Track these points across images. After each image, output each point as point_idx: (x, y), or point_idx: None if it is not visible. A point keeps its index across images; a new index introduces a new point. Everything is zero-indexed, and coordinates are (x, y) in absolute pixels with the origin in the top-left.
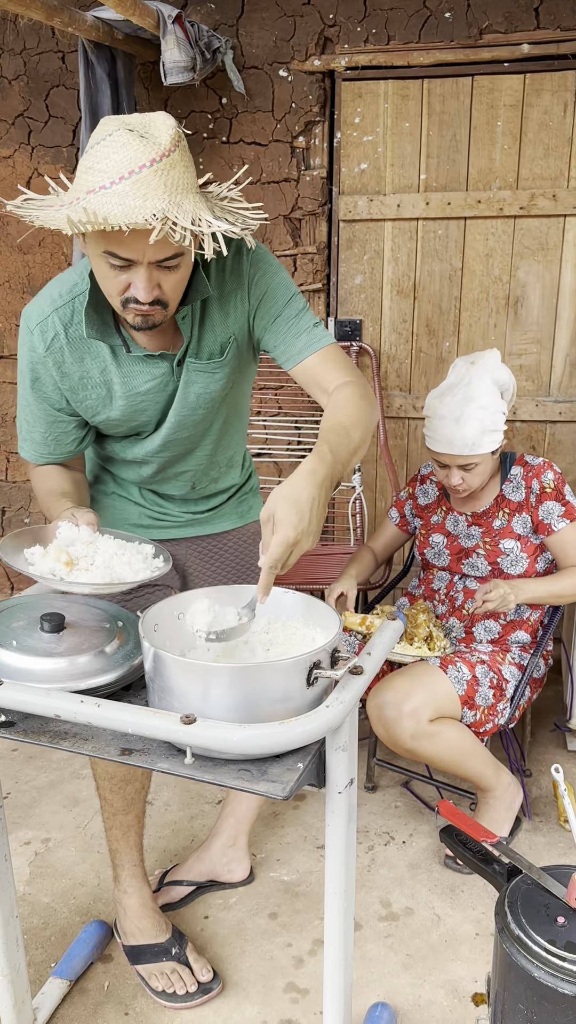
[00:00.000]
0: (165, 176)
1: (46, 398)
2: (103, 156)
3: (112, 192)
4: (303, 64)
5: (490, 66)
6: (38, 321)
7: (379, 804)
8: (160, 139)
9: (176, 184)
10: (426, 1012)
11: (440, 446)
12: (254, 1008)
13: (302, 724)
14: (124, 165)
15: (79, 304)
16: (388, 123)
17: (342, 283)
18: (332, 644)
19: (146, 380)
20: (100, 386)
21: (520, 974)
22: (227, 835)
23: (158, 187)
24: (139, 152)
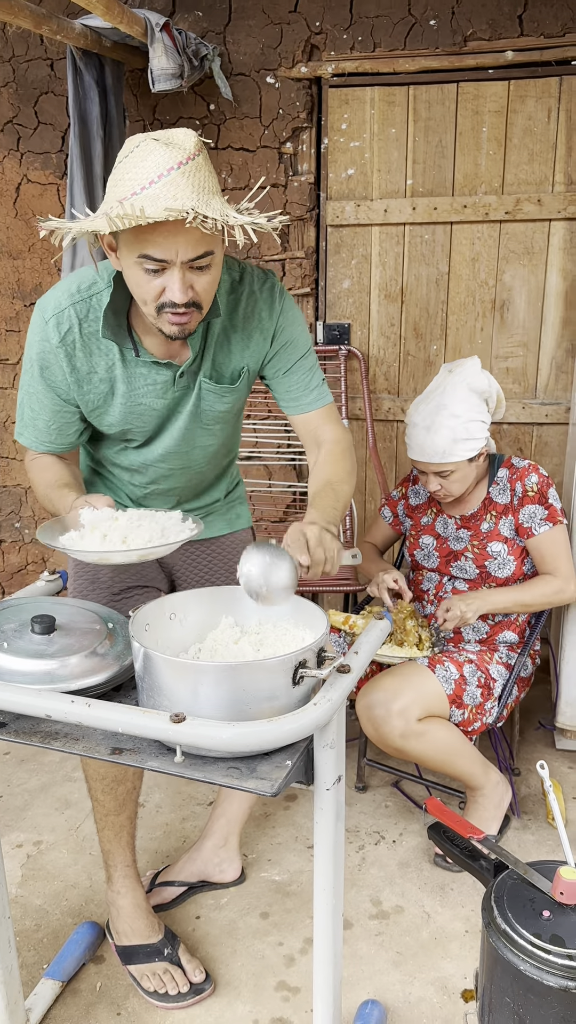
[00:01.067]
0: (192, 177)
1: (54, 387)
2: (131, 167)
3: (143, 196)
4: (290, 71)
5: (475, 73)
6: (54, 312)
7: (369, 804)
8: (185, 145)
9: (203, 185)
10: (416, 1009)
11: (414, 453)
12: (245, 1007)
13: (290, 722)
14: (153, 170)
15: (96, 302)
16: (375, 129)
17: (330, 287)
18: (319, 644)
19: (146, 384)
20: (104, 382)
21: (507, 968)
22: (218, 836)
23: (186, 187)
24: (166, 157)
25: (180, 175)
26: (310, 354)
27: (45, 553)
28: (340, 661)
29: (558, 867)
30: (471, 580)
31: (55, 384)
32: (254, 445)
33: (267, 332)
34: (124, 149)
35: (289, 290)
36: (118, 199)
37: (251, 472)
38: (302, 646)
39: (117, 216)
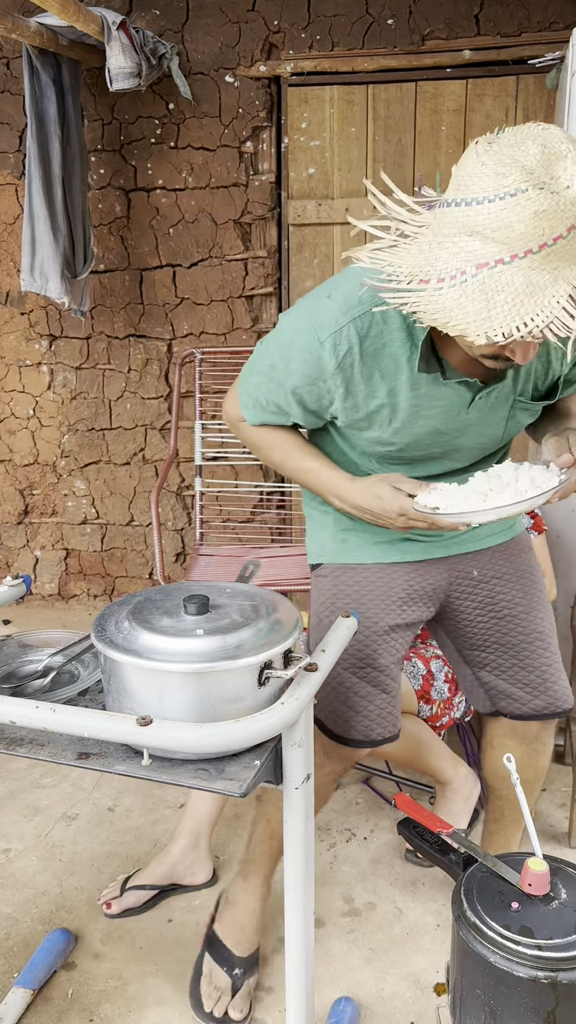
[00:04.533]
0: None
1: (305, 405)
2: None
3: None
4: (249, 70)
5: (433, 72)
6: (332, 331)
7: (340, 802)
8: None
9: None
10: (389, 1004)
11: None
12: None
13: (258, 721)
14: (530, 238)
15: (380, 316)
16: (334, 128)
17: (293, 287)
18: (286, 646)
19: (437, 405)
20: (384, 407)
21: (477, 960)
22: (189, 838)
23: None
24: (553, 220)
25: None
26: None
27: (9, 558)
28: (307, 660)
29: (526, 859)
30: None
31: (308, 404)
32: (220, 445)
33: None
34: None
35: (251, 289)
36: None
37: (217, 472)
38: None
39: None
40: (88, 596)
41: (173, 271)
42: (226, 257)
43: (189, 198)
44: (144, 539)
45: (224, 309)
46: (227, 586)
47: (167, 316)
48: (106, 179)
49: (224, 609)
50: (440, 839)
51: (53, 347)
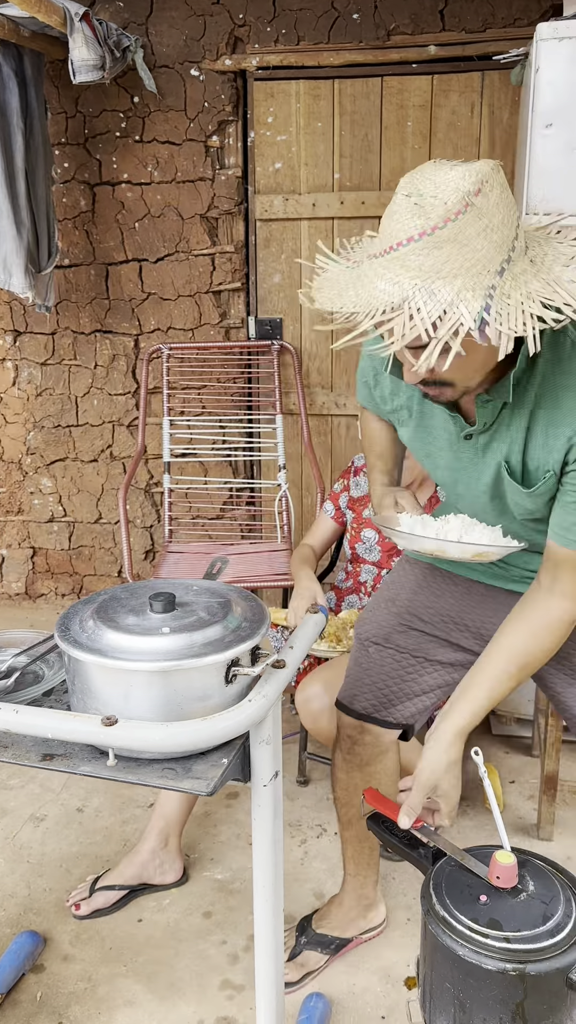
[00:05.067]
0: (428, 255)
1: (365, 380)
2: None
3: (368, 266)
4: (214, 63)
5: (399, 67)
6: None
7: (311, 797)
8: (433, 210)
9: (443, 264)
10: (360, 999)
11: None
12: (189, 1007)
13: (224, 719)
14: (389, 237)
15: None
16: (301, 123)
17: (261, 282)
18: (253, 643)
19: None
20: (403, 408)
21: (446, 954)
22: (158, 837)
23: (413, 268)
24: (406, 224)
25: (411, 252)
26: None
27: None
28: (274, 657)
29: (494, 852)
30: None
31: (366, 379)
32: (188, 442)
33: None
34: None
35: (219, 285)
36: (368, 252)
37: (186, 470)
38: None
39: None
40: (56, 595)
41: (139, 266)
42: (193, 252)
43: (155, 192)
44: (113, 537)
45: (191, 304)
46: (194, 583)
47: (134, 311)
48: (70, 173)
49: (191, 607)
50: (409, 834)
51: (17, 343)
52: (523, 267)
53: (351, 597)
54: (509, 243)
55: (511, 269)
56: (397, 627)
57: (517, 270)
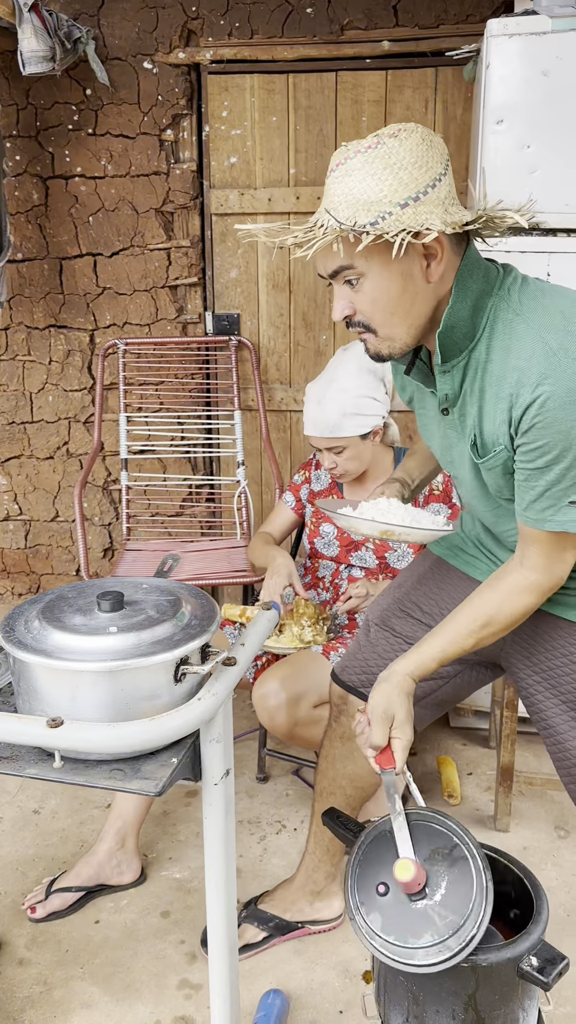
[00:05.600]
0: (343, 181)
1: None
2: None
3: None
4: (168, 56)
5: (353, 62)
6: None
7: (270, 794)
8: (354, 145)
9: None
10: (318, 995)
11: (307, 428)
12: (147, 1008)
13: (173, 719)
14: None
15: None
16: (255, 117)
17: (218, 277)
18: (203, 640)
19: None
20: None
21: None
22: (115, 837)
23: (333, 194)
24: (334, 160)
25: (332, 181)
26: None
27: None
28: (225, 655)
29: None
30: (369, 569)
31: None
32: (146, 438)
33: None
34: None
35: (175, 279)
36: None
37: (144, 466)
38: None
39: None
40: (12, 595)
41: (94, 260)
42: (148, 246)
43: (109, 186)
44: (70, 535)
45: (147, 299)
46: (144, 581)
47: (88, 306)
48: (22, 166)
49: (139, 605)
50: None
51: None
52: (430, 209)
53: (309, 592)
54: (421, 186)
55: (416, 207)
56: (396, 612)
57: (423, 209)
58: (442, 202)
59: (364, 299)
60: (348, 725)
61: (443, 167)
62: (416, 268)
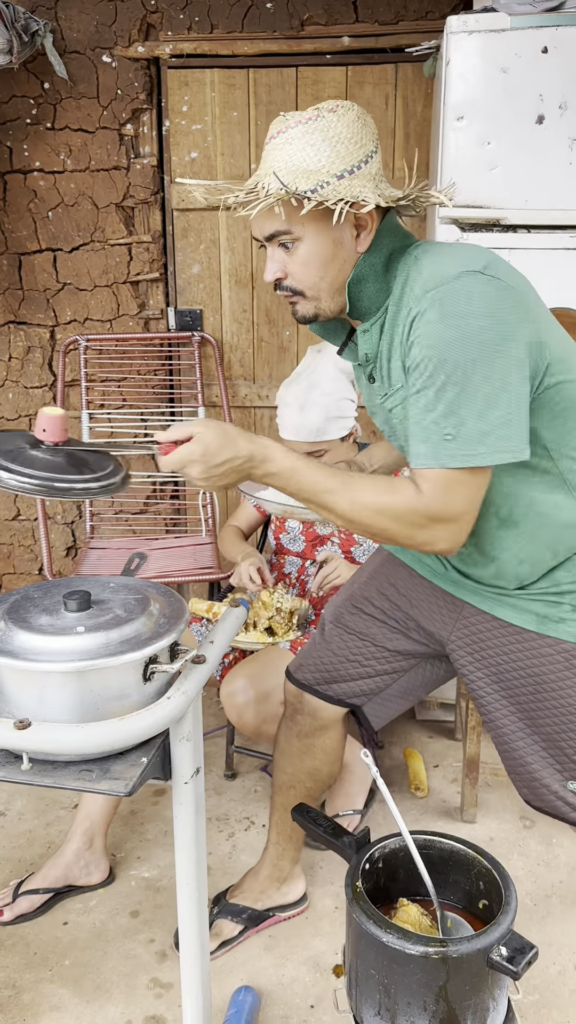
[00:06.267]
0: (278, 151)
1: None
2: None
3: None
4: (126, 50)
5: (313, 58)
6: None
7: (239, 791)
8: (288, 118)
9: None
10: (289, 990)
11: (288, 433)
12: (117, 1008)
13: (143, 718)
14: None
15: None
16: (216, 112)
17: (180, 272)
18: (172, 639)
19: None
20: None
21: (371, 941)
22: (83, 838)
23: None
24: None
25: (271, 148)
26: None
27: None
28: (194, 653)
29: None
30: None
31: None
32: (109, 435)
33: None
34: None
35: (137, 275)
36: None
37: None
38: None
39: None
40: None
41: (54, 255)
42: (109, 241)
43: (68, 181)
44: (32, 534)
45: (109, 295)
46: (110, 580)
47: (48, 302)
48: None
49: (107, 604)
50: (334, 823)
51: None
52: (364, 183)
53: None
54: (355, 160)
55: (350, 180)
56: (349, 608)
57: (356, 182)
58: (373, 177)
59: (297, 262)
60: (304, 723)
61: (374, 145)
62: (347, 236)
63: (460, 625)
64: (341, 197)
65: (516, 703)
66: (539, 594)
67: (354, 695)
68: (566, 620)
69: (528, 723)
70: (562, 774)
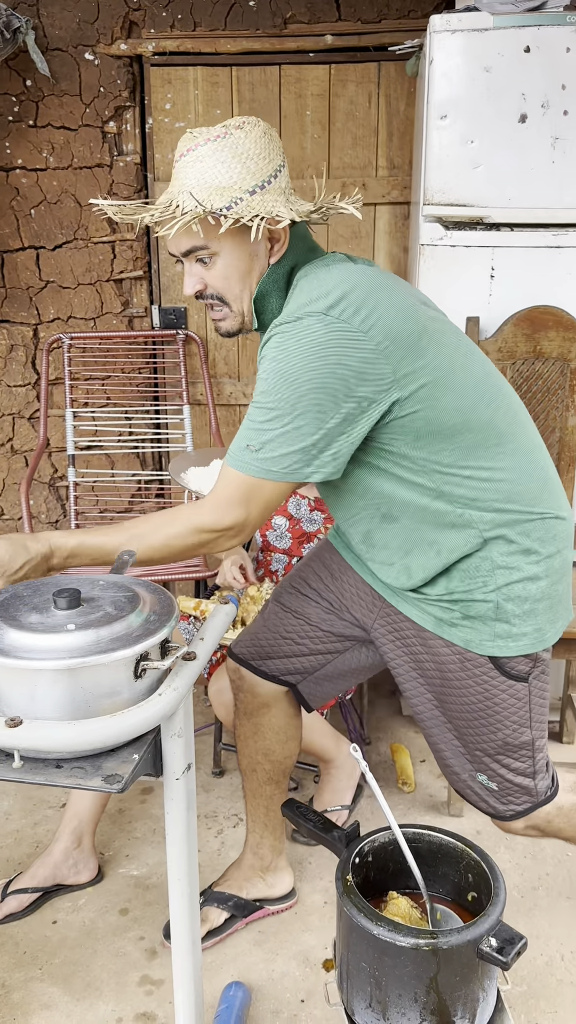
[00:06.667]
0: (189, 168)
1: None
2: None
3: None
4: (109, 48)
5: (296, 56)
6: None
7: (227, 788)
8: (199, 135)
9: (198, 177)
10: (279, 984)
11: None
12: (108, 1006)
13: (135, 715)
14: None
15: None
16: (199, 110)
17: (163, 271)
18: (162, 636)
19: None
20: None
21: (361, 934)
22: (71, 837)
23: (176, 180)
24: (180, 147)
25: (182, 166)
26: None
27: None
28: (184, 649)
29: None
30: None
31: None
32: (93, 434)
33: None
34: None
35: (120, 273)
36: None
37: (92, 462)
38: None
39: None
40: None
41: (36, 253)
42: (92, 239)
43: (51, 178)
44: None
45: (92, 293)
46: (100, 578)
47: (32, 300)
48: None
49: (97, 602)
50: (323, 818)
51: None
52: (275, 197)
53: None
54: (264, 175)
55: (262, 195)
56: (288, 588)
57: (268, 197)
58: (283, 191)
59: (216, 276)
60: (247, 701)
61: (282, 159)
62: (262, 249)
63: (382, 615)
64: (257, 213)
65: (433, 693)
66: (435, 599)
67: (287, 672)
68: (458, 625)
69: (443, 712)
70: (472, 765)
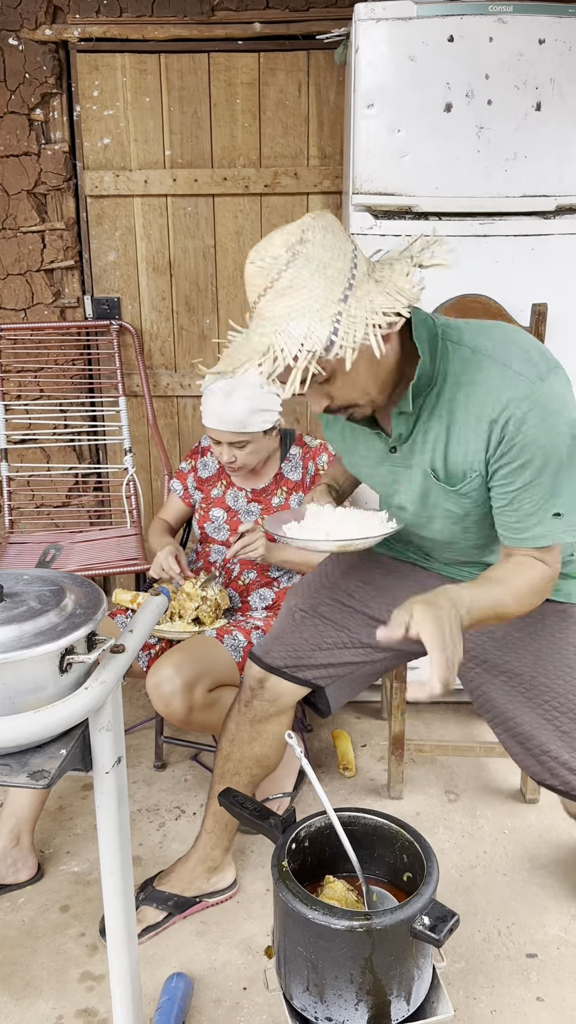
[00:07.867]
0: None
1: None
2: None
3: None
4: (33, 33)
5: (225, 43)
6: None
7: (169, 780)
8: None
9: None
10: (222, 974)
11: (210, 421)
12: (48, 1004)
13: (60, 709)
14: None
15: None
16: (128, 97)
17: (95, 260)
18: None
19: (364, 443)
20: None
21: (297, 919)
22: (9, 836)
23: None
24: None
25: (264, 306)
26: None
27: None
28: (112, 642)
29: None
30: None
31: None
32: (27, 427)
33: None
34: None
35: (51, 263)
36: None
37: (26, 455)
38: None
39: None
40: None
41: None
42: (21, 229)
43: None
44: None
45: (22, 283)
46: (24, 573)
47: None
48: None
49: (20, 597)
50: (260, 806)
51: None
52: (367, 289)
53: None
54: (347, 273)
55: (354, 294)
56: (327, 600)
57: (360, 293)
58: (370, 276)
59: (340, 389)
60: (261, 708)
61: (351, 243)
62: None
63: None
64: (362, 323)
65: (522, 684)
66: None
67: (319, 677)
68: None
69: (535, 696)
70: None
